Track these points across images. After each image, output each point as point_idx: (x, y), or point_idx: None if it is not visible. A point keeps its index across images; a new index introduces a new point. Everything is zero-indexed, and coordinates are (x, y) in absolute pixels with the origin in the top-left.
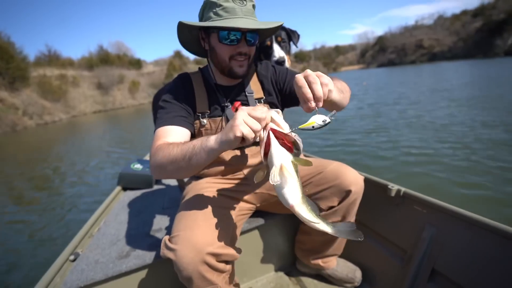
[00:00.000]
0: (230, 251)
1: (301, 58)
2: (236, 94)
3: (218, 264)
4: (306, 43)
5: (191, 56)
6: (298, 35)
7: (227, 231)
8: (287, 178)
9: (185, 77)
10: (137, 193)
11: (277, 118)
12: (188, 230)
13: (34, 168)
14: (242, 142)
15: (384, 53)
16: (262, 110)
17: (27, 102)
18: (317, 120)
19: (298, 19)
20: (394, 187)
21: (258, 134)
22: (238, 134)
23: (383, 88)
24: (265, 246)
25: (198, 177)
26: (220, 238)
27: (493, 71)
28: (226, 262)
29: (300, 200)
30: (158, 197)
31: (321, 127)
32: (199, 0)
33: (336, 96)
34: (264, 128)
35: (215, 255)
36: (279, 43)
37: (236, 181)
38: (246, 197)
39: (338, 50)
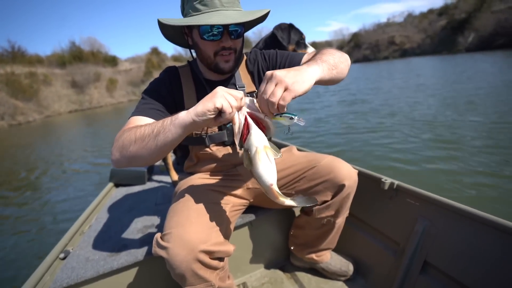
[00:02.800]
0: (224, 248)
1: None
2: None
3: (211, 262)
4: None
5: (169, 53)
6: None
7: (220, 228)
8: (267, 160)
9: (173, 71)
10: (130, 189)
11: (252, 104)
12: (181, 227)
13: (19, 168)
14: (217, 119)
15: (359, 49)
16: (239, 91)
17: None
18: (286, 119)
19: (274, 16)
20: (387, 180)
21: (234, 112)
22: (218, 105)
23: (367, 80)
24: (258, 241)
25: (190, 173)
26: (213, 235)
27: (456, 67)
28: (220, 259)
29: (276, 181)
30: (151, 193)
31: (288, 125)
32: None
33: (325, 76)
34: (239, 111)
35: (209, 253)
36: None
37: (229, 177)
38: (239, 193)
39: (315, 46)
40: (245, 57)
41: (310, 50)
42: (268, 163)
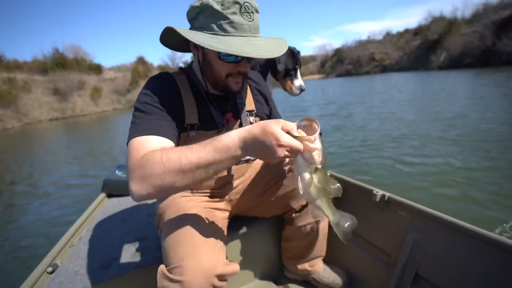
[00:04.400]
0: (232, 268)
1: None
2: (227, 105)
3: (222, 283)
4: None
5: (155, 62)
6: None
7: (223, 248)
8: (308, 186)
9: (169, 78)
10: (122, 200)
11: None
12: (192, 258)
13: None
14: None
15: (342, 64)
16: (299, 143)
17: None
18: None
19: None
20: (378, 192)
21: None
22: (279, 159)
23: (349, 95)
24: (251, 253)
25: None
26: (221, 257)
27: (431, 83)
28: (226, 279)
29: (318, 200)
30: (143, 204)
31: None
32: (157, 5)
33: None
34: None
35: (220, 276)
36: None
37: (211, 191)
38: (222, 206)
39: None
40: None
41: (297, 83)
42: (306, 188)
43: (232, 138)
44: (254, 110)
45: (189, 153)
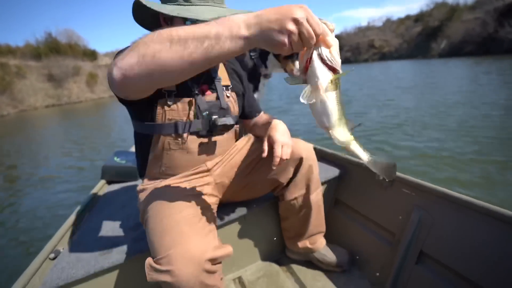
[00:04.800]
0: (224, 250)
1: None
2: (202, 78)
3: (215, 267)
4: None
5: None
6: None
7: (211, 231)
8: (324, 100)
9: None
10: (122, 186)
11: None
12: (179, 246)
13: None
14: (277, 48)
15: (341, 51)
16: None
17: None
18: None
19: None
20: None
21: (312, 43)
22: (293, 38)
23: (349, 82)
24: (252, 235)
25: (154, 178)
26: (210, 241)
27: (432, 71)
28: (219, 262)
29: (336, 123)
30: None
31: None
32: None
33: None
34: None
35: (212, 260)
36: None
37: (197, 175)
38: (209, 191)
39: None
40: None
41: (299, 65)
42: (324, 104)
43: (239, 15)
44: (230, 85)
45: (186, 27)
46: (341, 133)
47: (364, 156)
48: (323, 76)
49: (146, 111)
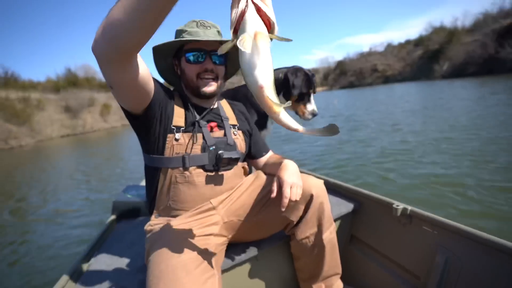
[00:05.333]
0: None
1: None
2: (211, 116)
3: None
4: (274, 66)
5: (162, 81)
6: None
7: (212, 278)
8: (259, 50)
9: (167, 87)
10: (132, 222)
11: None
12: None
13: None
14: None
15: (344, 76)
16: None
17: None
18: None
19: None
20: (399, 206)
21: None
22: None
23: (354, 106)
24: (265, 276)
25: (163, 215)
26: (209, 287)
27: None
28: None
29: (271, 84)
30: None
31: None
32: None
33: None
34: None
35: None
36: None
37: (204, 214)
38: (217, 231)
39: None
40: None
41: (310, 108)
42: (259, 55)
43: None
44: (237, 125)
45: None
46: (275, 96)
47: (296, 125)
48: (260, 26)
49: (155, 144)
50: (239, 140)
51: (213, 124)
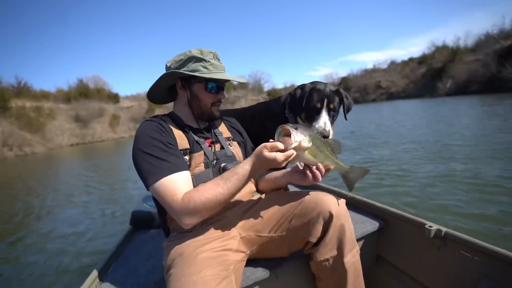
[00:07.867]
0: None
1: (274, 95)
2: (205, 133)
3: None
4: (277, 81)
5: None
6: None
7: None
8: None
9: (159, 118)
10: (150, 233)
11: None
12: None
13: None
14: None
15: (348, 92)
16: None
17: (7, 133)
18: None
19: (266, 60)
20: (432, 226)
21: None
22: (280, 158)
23: (362, 122)
24: None
25: (178, 230)
26: None
27: (440, 109)
28: None
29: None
30: None
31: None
32: (167, 42)
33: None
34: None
35: None
36: (330, 110)
37: (222, 230)
38: (235, 246)
39: None
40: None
41: (317, 125)
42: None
43: (248, 165)
44: (231, 137)
45: (220, 189)
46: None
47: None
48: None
49: None
50: (235, 150)
51: (208, 141)
